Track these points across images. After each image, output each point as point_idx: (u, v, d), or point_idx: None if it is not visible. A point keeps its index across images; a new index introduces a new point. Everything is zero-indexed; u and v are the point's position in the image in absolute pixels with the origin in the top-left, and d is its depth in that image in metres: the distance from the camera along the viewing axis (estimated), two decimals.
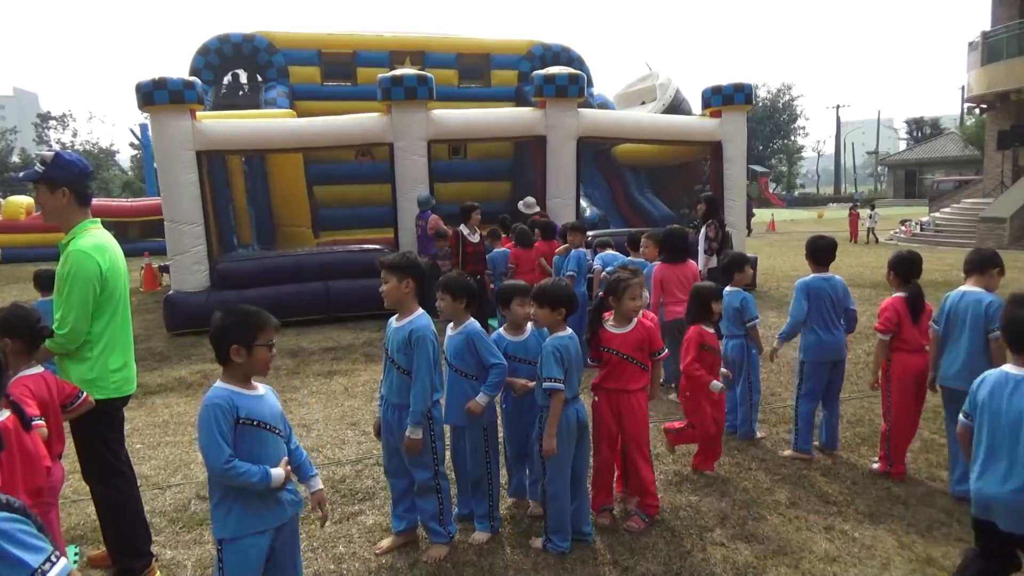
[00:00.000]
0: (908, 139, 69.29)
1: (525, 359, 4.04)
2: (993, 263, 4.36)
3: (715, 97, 12.69)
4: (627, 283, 4.03)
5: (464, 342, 3.88)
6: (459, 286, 3.93)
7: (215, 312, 2.85)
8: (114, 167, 62.40)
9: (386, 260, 3.73)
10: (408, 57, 16.40)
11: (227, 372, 2.84)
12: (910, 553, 3.77)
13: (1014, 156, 24.72)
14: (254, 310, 2.83)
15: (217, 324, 2.79)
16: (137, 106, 10.37)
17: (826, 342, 5.05)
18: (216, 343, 2.79)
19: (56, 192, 3.39)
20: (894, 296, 4.71)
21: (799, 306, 5.06)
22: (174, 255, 10.57)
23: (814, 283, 5.09)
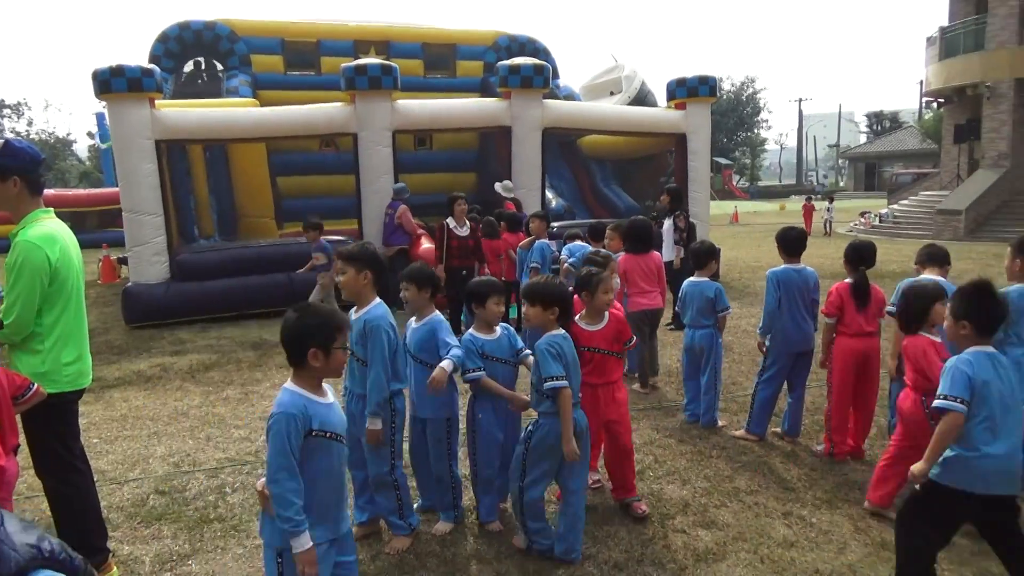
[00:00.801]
0: (868, 132, 70.66)
1: (503, 359, 3.92)
2: (947, 259, 4.63)
3: (679, 89, 12.79)
4: (599, 277, 4.04)
5: (429, 334, 3.85)
6: (423, 276, 3.89)
7: (288, 312, 2.64)
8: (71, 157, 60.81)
9: (344, 251, 3.68)
10: (373, 46, 16.21)
11: (299, 375, 2.63)
12: (865, 537, 3.86)
13: (970, 150, 25.35)
14: (331, 310, 2.74)
15: (294, 325, 2.60)
16: (94, 94, 10.12)
17: (792, 332, 5.16)
18: (293, 345, 2.59)
19: (7, 181, 3.29)
20: (841, 282, 4.87)
21: (771, 296, 5.17)
22: (133, 246, 10.35)
23: (784, 273, 5.19)
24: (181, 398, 6.78)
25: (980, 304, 3.04)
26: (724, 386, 6.59)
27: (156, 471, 4.99)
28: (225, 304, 10.28)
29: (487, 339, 3.90)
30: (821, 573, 3.52)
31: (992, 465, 2.96)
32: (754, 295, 11.22)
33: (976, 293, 3.07)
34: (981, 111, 23.34)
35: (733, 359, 7.61)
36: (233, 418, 6.12)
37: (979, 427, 2.98)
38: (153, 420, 6.16)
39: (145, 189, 10.21)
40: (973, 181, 22.83)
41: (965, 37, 24.12)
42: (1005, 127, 22.36)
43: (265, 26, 16.05)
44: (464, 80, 16.91)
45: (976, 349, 3.04)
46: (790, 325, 5.15)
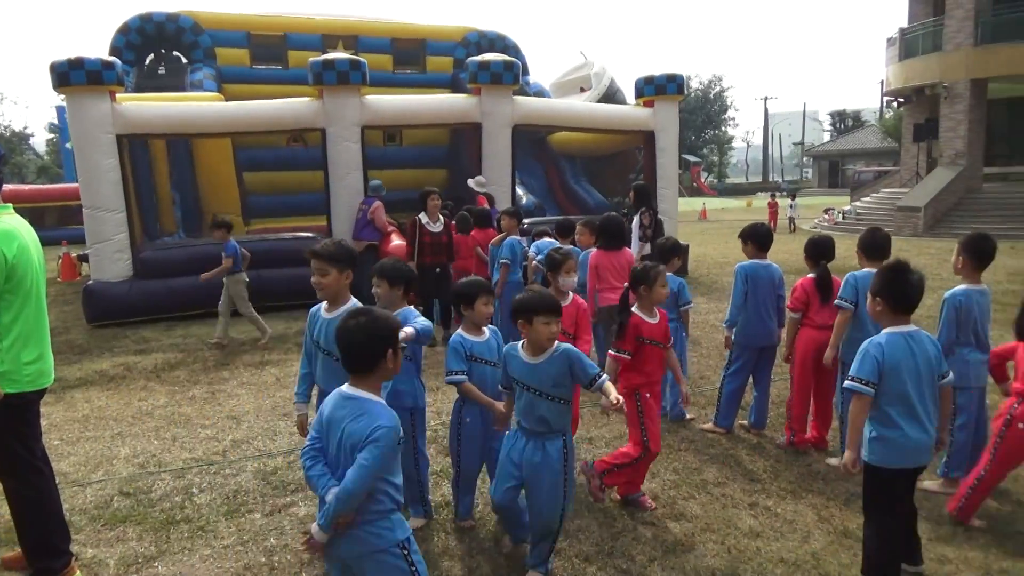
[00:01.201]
0: (832, 131, 71.85)
1: (492, 361, 3.77)
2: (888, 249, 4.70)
3: (648, 87, 12.88)
4: (656, 270, 4.15)
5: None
6: (396, 272, 3.85)
7: (352, 320, 2.54)
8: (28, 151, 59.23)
9: (325, 251, 3.59)
10: (341, 41, 16.07)
11: (365, 380, 2.54)
12: (828, 526, 3.94)
13: (928, 148, 25.92)
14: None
15: (369, 330, 2.51)
16: (52, 87, 9.88)
17: (756, 327, 5.26)
18: (367, 350, 2.51)
19: None
20: (805, 277, 4.98)
21: (739, 290, 5.26)
22: (94, 243, 10.14)
23: (752, 268, 5.29)
24: (146, 398, 6.67)
25: (894, 282, 3.17)
26: (692, 380, 6.68)
27: (120, 472, 4.91)
28: (190, 302, 10.12)
29: (475, 341, 3.78)
30: (786, 562, 3.59)
31: (913, 441, 3.11)
32: (722, 290, 11.36)
33: (891, 272, 3.21)
34: (939, 111, 23.88)
35: (701, 353, 7.71)
36: (200, 418, 6.04)
37: (895, 407, 3.12)
38: (117, 420, 6.05)
39: (106, 185, 10.00)
40: (932, 178, 23.35)
41: (924, 38, 24.65)
42: (961, 126, 22.89)
43: (230, 19, 15.82)
44: (434, 76, 16.85)
45: (892, 329, 3.18)
46: (755, 320, 5.25)
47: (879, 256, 4.55)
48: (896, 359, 3.11)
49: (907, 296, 3.16)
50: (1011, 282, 11.57)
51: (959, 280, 4.30)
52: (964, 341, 4.21)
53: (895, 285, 3.16)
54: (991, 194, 22.82)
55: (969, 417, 4.25)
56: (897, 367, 3.10)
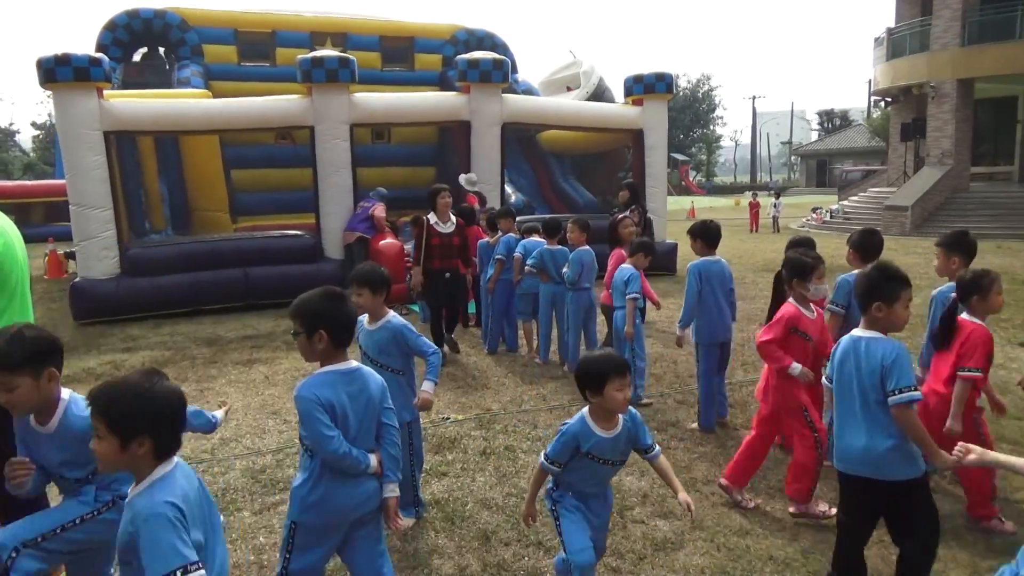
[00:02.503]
0: (820, 130, 72.22)
1: (611, 460, 3.02)
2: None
3: (637, 86, 12.91)
4: (991, 277, 3.80)
5: (390, 337, 3.78)
6: (378, 279, 3.72)
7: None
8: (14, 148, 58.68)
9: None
10: (329, 38, 16.00)
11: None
12: (817, 524, 3.96)
13: (916, 148, 26.11)
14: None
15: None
16: (38, 83, 9.79)
17: (716, 323, 5.39)
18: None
19: None
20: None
21: (692, 289, 5.35)
22: (81, 240, 10.05)
23: (704, 266, 5.39)
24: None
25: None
26: (681, 379, 6.72)
27: None
28: (178, 300, 10.07)
29: (602, 436, 2.92)
30: (775, 560, 3.61)
31: (850, 449, 3.07)
32: None
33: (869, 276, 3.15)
34: (926, 110, 24.05)
35: (689, 351, 7.72)
36: None
37: (838, 410, 3.18)
38: None
39: (93, 182, 9.91)
40: (919, 178, 23.52)
41: (911, 38, 24.81)
42: (948, 126, 23.06)
43: (218, 15, 15.71)
44: (422, 74, 16.81)
45: (850, 334, 3.17)
46: (715, 315, 5.36)
47: (874, 258, 4.54)
48: (841, 362, 3.21)
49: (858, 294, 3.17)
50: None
51: (934, 276, 4.35)
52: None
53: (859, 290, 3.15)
54: (978, 193, 23.02)
55: None
56: (840, 370, 3.20)
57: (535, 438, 5.30)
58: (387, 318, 3.78)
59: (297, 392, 2.73)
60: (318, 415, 2.66)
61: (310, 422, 2.67)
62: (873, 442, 3.00)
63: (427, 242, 7.45)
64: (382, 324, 3.78)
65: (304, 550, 2.77)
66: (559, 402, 6.18)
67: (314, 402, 2.67)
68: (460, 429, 5.52)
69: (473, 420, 5.74)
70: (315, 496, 2.74)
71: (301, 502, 2.76)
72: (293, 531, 2.77)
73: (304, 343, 2.76)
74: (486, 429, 5.52)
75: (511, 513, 4.12)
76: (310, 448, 2.75)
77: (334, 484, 2.74)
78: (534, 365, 7.41)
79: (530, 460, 4.88)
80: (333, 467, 2.72)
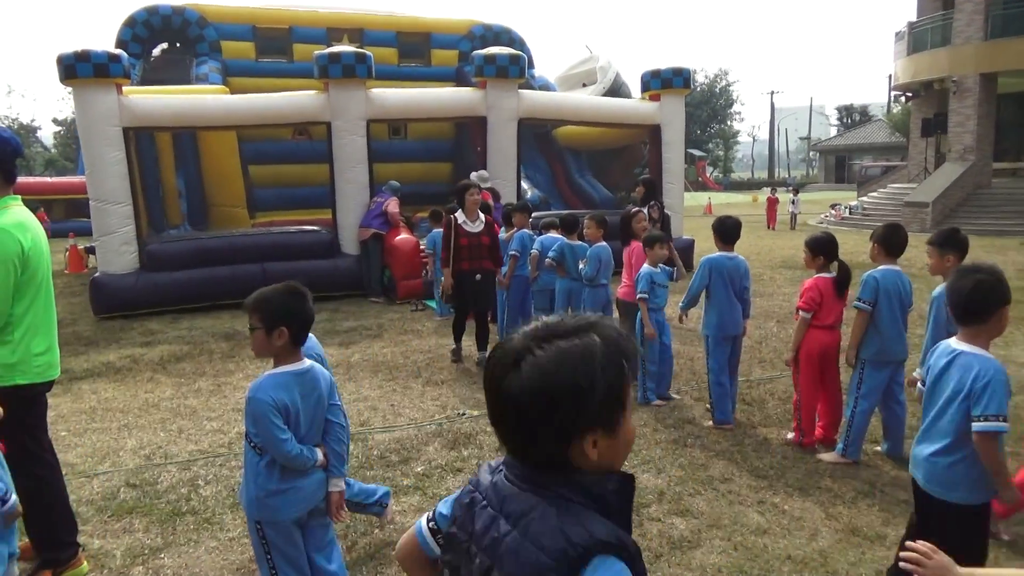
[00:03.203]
0: (839, 125, 71.48)
1: None
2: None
3: (654, 81, 12.84)
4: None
5: None
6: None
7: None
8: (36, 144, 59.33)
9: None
10: (346, 34, 16.02)
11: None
12: (836, 523, 3.92)
13: (936, 143, 25.76)
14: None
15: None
16: (59, 80, 9.88)
17: (726, 318, 5.38)
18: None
19: None
20: (817, 276, 4.87)
21: (696, 280, 5.44)
22: (100, 236, 10.15)
23: (717, 260, 5.39)
24: (152, 390, 6.69)
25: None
26: (697, 375, 6.68)
27: (127, 464, 4.92)
28: (196, 294, 10.14)
29: None
30: (793, 559, 3.58)
31: (917, 455, 2.97)
32: None
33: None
34: (948, 105, 23.72)
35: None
36: (205, 410, 6.05)
37: (923, 414, 3.05)
38: (123, 412, 6.06)
39: (112, 178, 9.99)
40: (940, 174, 23.22)
41: (932, 32, 24.47)
42: (970, 121, 22.74)
43: (236, 12, 15.79)
44: (439, 69, 16.81)
45: (948, 344, 2.98)
46: (725, 309, 5.37)
47: (899, 254, 4.52)
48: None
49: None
50: (1020, 278, 11.50)
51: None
52: None
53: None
54: (1000, 190, 22.67)
55: None
56: None
57: None
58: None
59: (251, 394, 2.69)
60: (272, 418, 2.66)
61: (264, 425, 2.67)
62: (938, 454, 2.83)
63: (455, 243, 7.04)
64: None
65: (278, 547, 2.79)
66: None
67: (270, 405, 2.66)
68: (476, 425, 5.51)
69: None
70: (264, 491, 2.76)
71: (254, 500, 2.76)
72: (261, 532, 2.78)
73: (262, 339, 2.70)
74: None
75: None
76: (257, 446, 2.75)
77: (286, 478, 2.78)
78: None
79: None
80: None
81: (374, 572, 3.53)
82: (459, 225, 7.10)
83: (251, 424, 2.72)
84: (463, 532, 1.30)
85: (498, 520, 1.23)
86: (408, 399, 6.22)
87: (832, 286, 4.79)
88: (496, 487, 1.28)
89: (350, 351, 7.85)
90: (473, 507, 1.30)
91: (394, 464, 4.81)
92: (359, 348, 8.02)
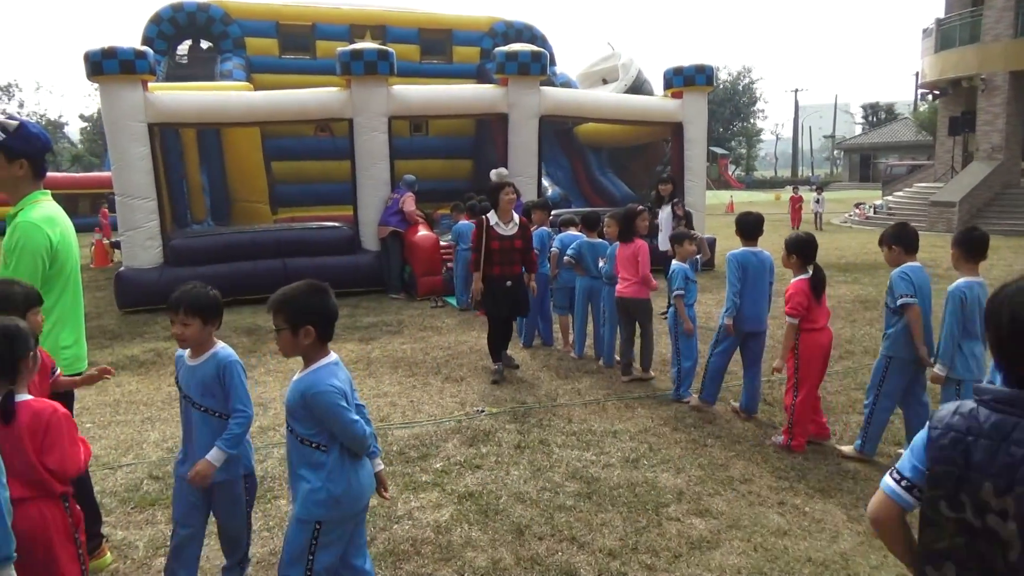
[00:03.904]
0: (864, 123, 70.59)
1: None
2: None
3: (676, 78, 12.76)
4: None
5: (214, 373, 3.08)
6: (210, 305, 3.11)
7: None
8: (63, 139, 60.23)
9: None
10: (368, 31, 16.09)
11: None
12: (858, 526, 3.88)
13: (964, 142, 25.37)
14: None
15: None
16: (86, 76, 10.01)
17: (747, 311, 5.36)
18: None
19: (14, 163, 3.25)
20: (797, 280, 4.87)
21: (734, 277, 5.38)
22: (126, 231, 10.29)
23: (743, 256, 5.39)
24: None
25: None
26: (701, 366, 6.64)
27: (150, 456, 4.98)
28: (218, 289, 10.17)
29: None
30: (814, 561, 3.54)
31: None
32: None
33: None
34: (976, 103, 23.33)
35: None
36: None
37: None
38: (147, 405, 6.14)
39: (138, 173, 10.12)
40: (967, 173, 22.86)
41: (961, 29, 24.08)
42: (999, 120, 22.36)
43: (260, 8, 15.91)
44: (460, 66, 16.83)
45: None
46: (747, 305, 5.36)
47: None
48: None
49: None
50: None
51: (982, 275, 4.30)
52: (972, 334, 4.21)
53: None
54: None
55: None
56: None
57: (569, 432, 5.28)
58: (215, 349, 3.12)
59: (314, 390, 2.64)
60: (341, 403, 2.67)
61: (336, 413, 2.66)
62: None
63: (486, 246, 6.51)
64: (208, 357, 3.09)
65: (328, 547, 2.76)
66: (594, 397, 6.15)
67: (336, 393, 2.66)
68: (494, 422, 5.52)
69: (507, 413, 5.74)
70: (339, 489, 2.71)
71: (327, 500, 2.70)
72: (317, 532, 2.71)
73: (289, 339, 2.69)
74: (520, 423, 5.51)
75: (545, 507, 4.11)
76: (321, 444, 2.70)
77: (353, 471, 2.77)
78: (569, 359, 7.38)
79: (564, 455, 4.86)
80: (349, 454, 2.75)
81: (393, 568, 3.55)
82: (491, 227, 6.55)
83: (316, 420, 2.67)
84: (954, 467, 1.56)
85: (1004, 446, 1.50)
86: (427, 395, 6.23)
87: (809, 288, 4.83)
88: (983, 420, 1.55)
89: (370, 347, 7.88)
90: (958, 444, 1.56)
91: (413, 460, 4.82)
92: (379, 344, 8.05)
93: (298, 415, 2.71)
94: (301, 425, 2.71)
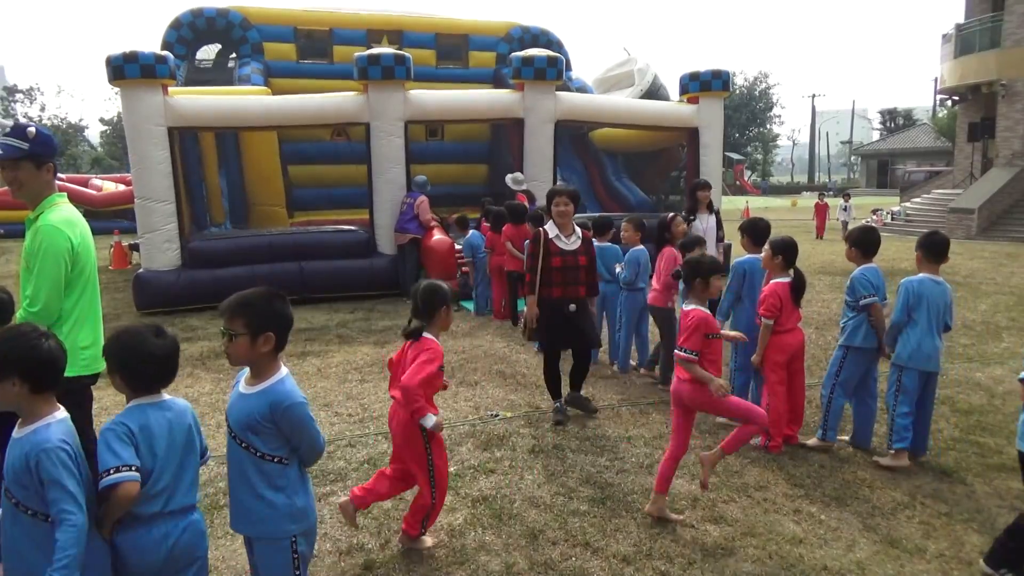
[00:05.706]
0: (881, 129, 70.05)
1: None
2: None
3: (692, 83, 12.73)
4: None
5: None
6: (46, 368, 2.53)
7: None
8: (83, 143, 60.97)
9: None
10: (385, 36, 16.19)
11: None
12: (874, 535, 3.85)
13: (984, 148, 25.13)
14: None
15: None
16: (107, 80, 10.14)
17: (754, 321, 5.31)
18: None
19: (42, 168, 3.34)
20: (775, 282, 4.97)
21: (733, 284, 5.46)
22: (144, 233, 10.40)
23: (749, 263, 5.43)
24: (192, 384, 6.82)
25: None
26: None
27: None
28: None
29: None
30: (829, 570, 3.52)
31: None
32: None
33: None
34: (996, 109, 23.14)
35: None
36: None
37: None
38: None
39: (157, 176, 10.24)
40: (986, 180, 22.64)
41: (981, 35, 23.88)
42: (1020, 126, 22.16)
43: (278, 14, 16.05)
44: (476, 71, 16.88)
45: None
46: (750, 313, 5.34)
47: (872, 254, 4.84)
48: None
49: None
50: None
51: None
52: (925, 327, 4.52)
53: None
54: None
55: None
56: None
57: (583, 437, 5.28)
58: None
59: (290, 401, 2.58)
60: (311, 415, 2.68)
61: (307, 425, 2.64)
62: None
63: (544, 263, 5.44)
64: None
65: (306, 560, 2.76)
66: (608, 402, 6.14)
67: (306, 404, 2.64)
68: (509, 426, 5.52)
69: (522, 418, 5.74)
70: (303, 501, 2.70)
71: (297, 513, 2.67)
72: (294, 545, 2.68)
73: (245, 346, 2.56)
74: (535, 427, 5.51)
75: (559, 512, 4.11)
76: (283, 459, 2.65)
77: (306, 482, 2.78)
78: None
79: (579, 459, 4.86)
80: (305, 466, 2.77)
81: (406, 571, 3.56)
82: (550, 241, 5.46)
83: (282, 435, 2.61)
84: None
85: None
86: (441, 399, 6.25)
87: (789, 292, 4.90)
88: None
89: (385, 350, 7.91)
90: None
91: None
92: (394, 348, 8.06)
93: (261, 430, 2.59)
94: (262, 440, 2.61)
